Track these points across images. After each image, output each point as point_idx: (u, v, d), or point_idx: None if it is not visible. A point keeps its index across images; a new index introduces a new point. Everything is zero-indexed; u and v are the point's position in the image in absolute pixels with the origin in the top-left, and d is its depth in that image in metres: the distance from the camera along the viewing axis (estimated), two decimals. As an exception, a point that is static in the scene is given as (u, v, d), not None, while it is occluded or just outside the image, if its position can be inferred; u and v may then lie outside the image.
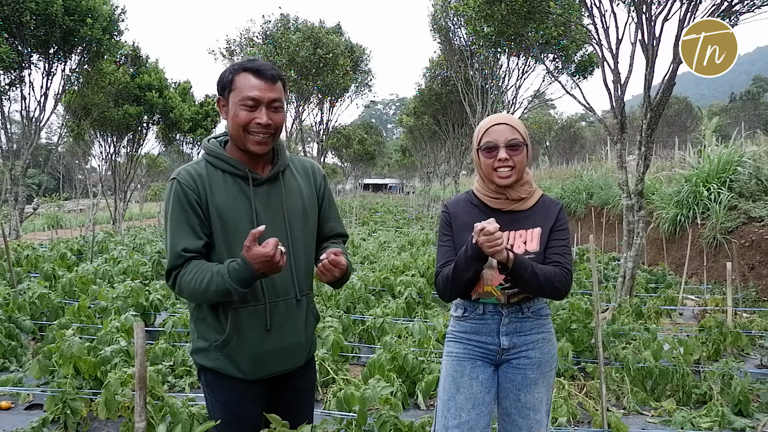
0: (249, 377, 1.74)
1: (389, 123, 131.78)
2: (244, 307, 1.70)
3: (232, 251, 1.69)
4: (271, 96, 1.68)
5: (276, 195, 1.77)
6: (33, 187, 33.60)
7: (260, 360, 1.73)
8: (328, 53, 16.36)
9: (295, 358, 1.82)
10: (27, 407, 3.66)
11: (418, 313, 5.82)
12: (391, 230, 17.74)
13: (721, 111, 43.62)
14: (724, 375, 3.79)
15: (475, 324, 1.95)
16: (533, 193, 1.96)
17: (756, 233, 7.74)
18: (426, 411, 3.63)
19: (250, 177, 1.72)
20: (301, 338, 1.82)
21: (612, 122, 7.15)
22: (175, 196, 1.69)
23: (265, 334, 1.72)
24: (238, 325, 1.70)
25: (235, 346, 1.71)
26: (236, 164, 1.72)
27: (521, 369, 1.92)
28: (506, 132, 1.87)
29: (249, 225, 1.68)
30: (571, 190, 15.74)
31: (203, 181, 1.71)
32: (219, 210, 1.69)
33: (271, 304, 1.73)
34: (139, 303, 5.23)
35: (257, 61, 1.72)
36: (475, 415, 1.90)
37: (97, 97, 15.13)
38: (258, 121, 1.66)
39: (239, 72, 1.68)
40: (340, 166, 51.95)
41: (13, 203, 12.53)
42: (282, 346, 1.76)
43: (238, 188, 1.72)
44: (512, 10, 8.72)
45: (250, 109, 1.66)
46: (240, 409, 1.76)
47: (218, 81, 1.73)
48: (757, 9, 6.21)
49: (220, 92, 1.73)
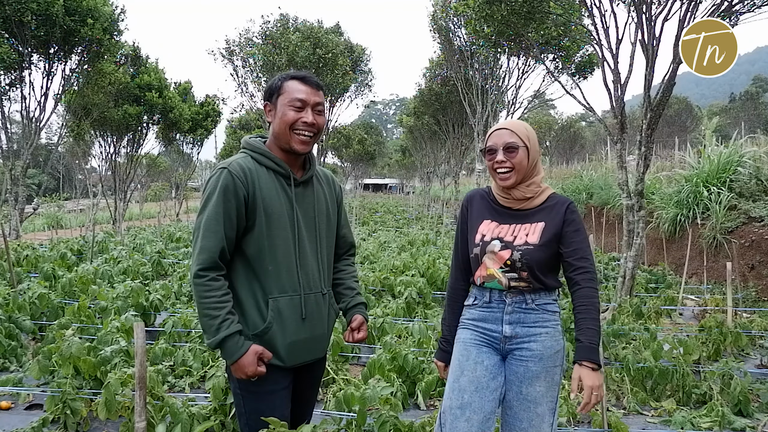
0: (287, 364, 1.84)
1: (389, 123, 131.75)
2: (283, 296, 1.83)
3: (274, 242, 1.81)
4: (316, 99, 1.87)
5: (309, 197, 1.94)
6: (33, 187, 33.60)
7: (296, 348, 1.86)
8: (328, 53, 16.34)
9: (322, 348, 2.00)
10: (27, 407, 3.66)
11: (418, 313, 5.82)
12: (391, 230, 17.73)
13: (721, 111, 43.62)
14: (724, 375, 3.79)
15: (483, 311, 2.04)
16: (541, 192, 2.05)
17: (756, 233, 7.74)
18: (426, 411, 3.63)
19: (292, 177, 1.88)
20: (326, 330, 1.99)
21: (612, 122, 7.15)
22: (223, 183, 1.77)
23: (300, 323, 1.86)
24: (278, 314, 1.81)
25: (275, 333, 1.81)
26: (280, 163, 1.88)
27: (524, 361, 1.97)
28: (505, 135, 2.00)
29: (289, 220, 1.84)
30: (571, 190, 15.74)
31: (252, 174, 1.82)
32: (265, 203, 1.81)
33: (306, 295, 1.88)
34: (139, 303, 5.23)
35: (302, 72, 1.91)
36: (478, 398, 1.94)
37: (97, 97, 15.13)
38: (304, 120, 1.83)
39: (287, 80, 1.88)
40: (340, 166, 51.92)
41: (13, 203, 12.52)
42: (312, 336, 1.91)
43: (280, 186, 1.86)
44: (512, 11, 8.71)
45: (297, 110, 1.83)
46: (274, 397, 1.85)
47: (266, 89, 1.92)
48: (757, 9, 6.21)
49: (268, 98, 1.90)
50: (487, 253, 1.99)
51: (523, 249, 1.94)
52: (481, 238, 2.02)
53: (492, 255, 1.98)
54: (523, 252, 1.93)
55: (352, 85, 19.53)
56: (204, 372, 3.96)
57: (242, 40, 17.36)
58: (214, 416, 2.93)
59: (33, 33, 11.62)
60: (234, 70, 18.36)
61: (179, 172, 28.72)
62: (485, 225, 2.04)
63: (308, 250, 1.90)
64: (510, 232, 1.99)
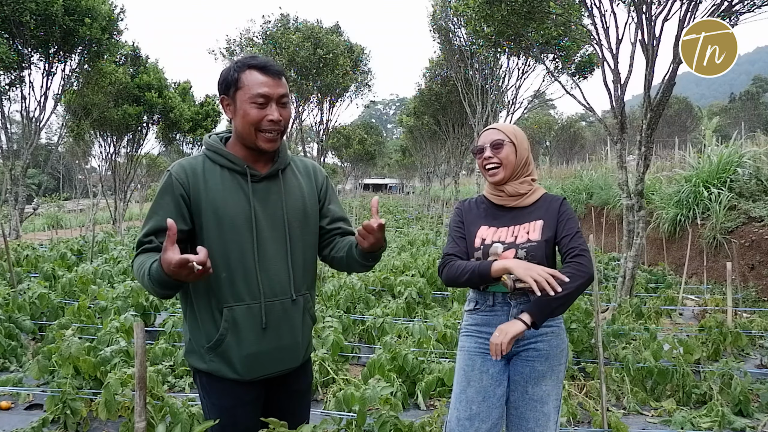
0: (244, 378, 1.70)
1: (389, 123, 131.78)
2: (239, 305, 1.67)
3: (226, 247, 1.66)
4: (280, 92, 1.66)
5: (275, 192, 1.75)
6: (33, 187, 33.60)
7: (255, 360, 1.70)
8: (328, 53, 16.35)
9: (291, 359, 1.79)
10: (27, 407, 3.66)
11: (418, 313, 5.82)
12: (391, 230, 17.73)
13: (721, 111, 43.60)
14: (724, 375, 3.79)
15: (486, 316, 2.03)
16: (534, 191, 2.06)
17: (756, 233, 7.74)
18: (426, 411, 3.63)
19: (248, 173, 1.70)
20: (297, 338, 1.78)
21: (612, 122, 7.14)
22: (163, 186, 1.67)
23: (260, 333, 1.69)
24: (232, 324, 1.66)
25: (229, 345, 1.67)
26: (235, 159, 1.70)
27: (530, 361, 1.97)
28: (492, 134, 2.06)
29: (246, 222, 1.67)
30: (571, 190, 15.74)
31: (196, 175, 1.68)
32: (214, 205, 1.66)
33: (267, 303, 1.69)
34: (139, 303, 5.23)
35: (260, 58, 1.68)
36: (486, 407, 1.95)
37: (97, 97, 15.13)
38: (270, 118, 1.64)
39: (244, 69, 1.65)
40: (340, 166, 51.93)
41: (13, 203, 12.53)
42: (278, 346, 1.73)
43: (236, 184, 1.69)
44: (512, 11, 8.71)
45: (261, 107, 1.64)
46: (236, 412, 1.73)
47: (221, 80, 1.69)
48: (757, 9, 6.21)
49: (224, 91, 1.69)
50: (490, 256, 1.96)
51: (528, 246, 1.93)
52: (481, 242, 2.00)
53: (495, 258, 1.95)
54: (528, 249, 1.93)
55: (352, 85, 19.54)
56: (204, 372, 3.96)
57: (243, 39, 17.38)
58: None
59: (32, 33, 11.62)
60: (234, 70, 18.35)
61: (179, 172, 28.65)
62: (483, 230, 2.03)
63: (272, 252, 1.71)
64: (509, 234, 1.99)
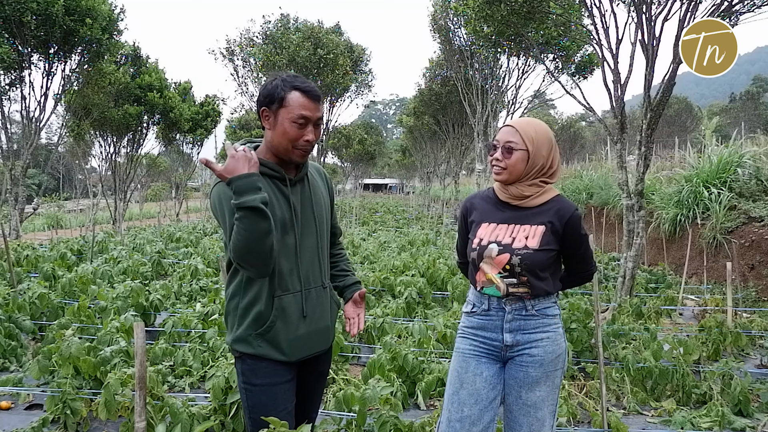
0: (291, 359, 1.90)
1: (389, 123, 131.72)
2: (286, 294, 1.88)
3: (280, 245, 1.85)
4: (318, 115, 1.87)
5: (305, 194, 1.98)
6: (33, 187, 33.61)
7: (298, 343, 1.91)
8: (329, 53, 16.35)
9: (324, 341, 2.03)
10: (27, 407, 3.66)
11: (418, 313, 5.82)
12: (391, 230, 17.72)
13: (721, 111, 43.62)
14: (724, 375, 3.79)
15: (482, 320, 2.02)
16: (543, 192, 1.98)
17: (756, 233, 7.74)
18: (426, 411, 3.63)
19: (287, 178, 1.91)
20: (328, 322, 2.03)
21: (612, 122, 7.14)
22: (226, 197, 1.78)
23: (301, 318, 1.92)
24: (281, 311, 1.87)
25: (278, 331, 1.87)
26: (275, 167, 1.90)
27: (524, 366, 1.95)
28: (508, 135, 1.96)
29: (290, 221, 1.89)
30: (571, 190, 15.73)
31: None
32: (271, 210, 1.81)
33: (305, 291, 1.93)
34: (139, 303, 5.23)
35: (304, 81, 1.87)
36: (478, 410, 1.94)
37: (97, 97, 15.12)
38: (307, 138, 1.85)
39: (290, 90, 1.83)
40: (340, 166, 51.91)
41: (13, 203, 12.52)
42: (315, 329, 1.96)
43: (277, 188, 1.89)
44: (512, 11, 8.71)
45: (301, 127, 1.83)
46: (278, 389, 1.90)
47: (266, 93, 1.84)
48: (757, 9, 6.20)
49: (267, 104, 1.84)
50: (485, 258, 1.96)
51: (523, 253, 1.90)
52: (478, 243, 1.99)
53: (489, 260, 1.95)
54: (522, 257, 1.89)
55: (352, 85, 19.54)
56: (204, 372, 3.96)
57: (243, 39, 17.39)
58: (214, 416, 2.93)
59: (33, 33, 11.61)
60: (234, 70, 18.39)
61: (179, 172, 28.68)
62: (483, 228, 2.01)
63: (308, 246, 1.95)
64: (508, 233, 1.95)
